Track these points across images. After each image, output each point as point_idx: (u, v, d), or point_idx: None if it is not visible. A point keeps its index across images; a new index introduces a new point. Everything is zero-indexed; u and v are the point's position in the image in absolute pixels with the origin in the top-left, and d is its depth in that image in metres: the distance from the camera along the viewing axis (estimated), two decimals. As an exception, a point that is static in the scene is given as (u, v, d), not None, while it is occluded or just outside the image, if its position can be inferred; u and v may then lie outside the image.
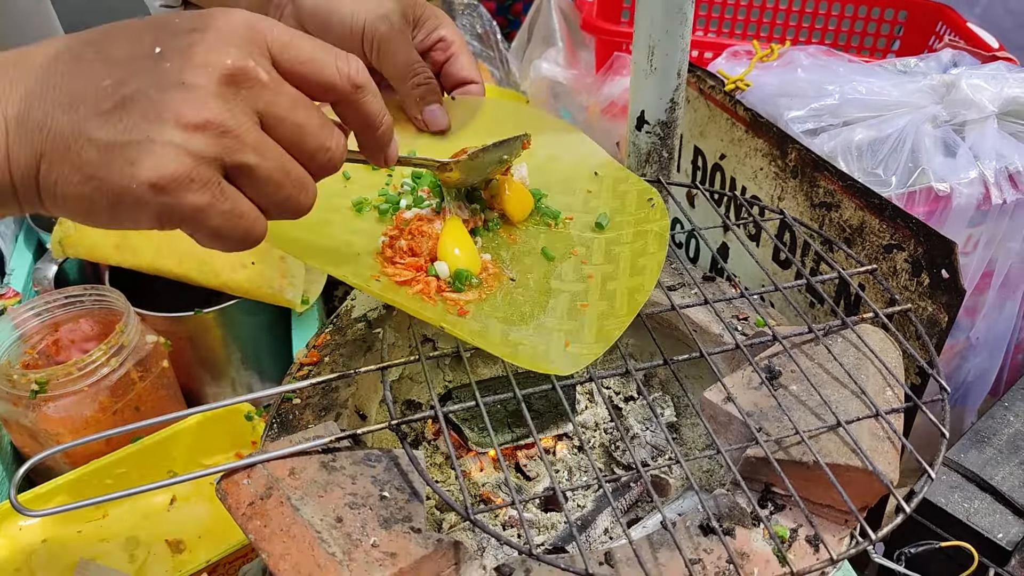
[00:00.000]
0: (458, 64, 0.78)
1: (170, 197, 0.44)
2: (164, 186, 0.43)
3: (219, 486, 0.61)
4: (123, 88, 0.43)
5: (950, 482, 0.83)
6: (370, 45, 0.74)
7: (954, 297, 0.72)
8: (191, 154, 0.44)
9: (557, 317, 0.68)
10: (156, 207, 0.44)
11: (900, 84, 0.88)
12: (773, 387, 0.67)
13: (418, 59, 0.75)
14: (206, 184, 0.45)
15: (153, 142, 0.43)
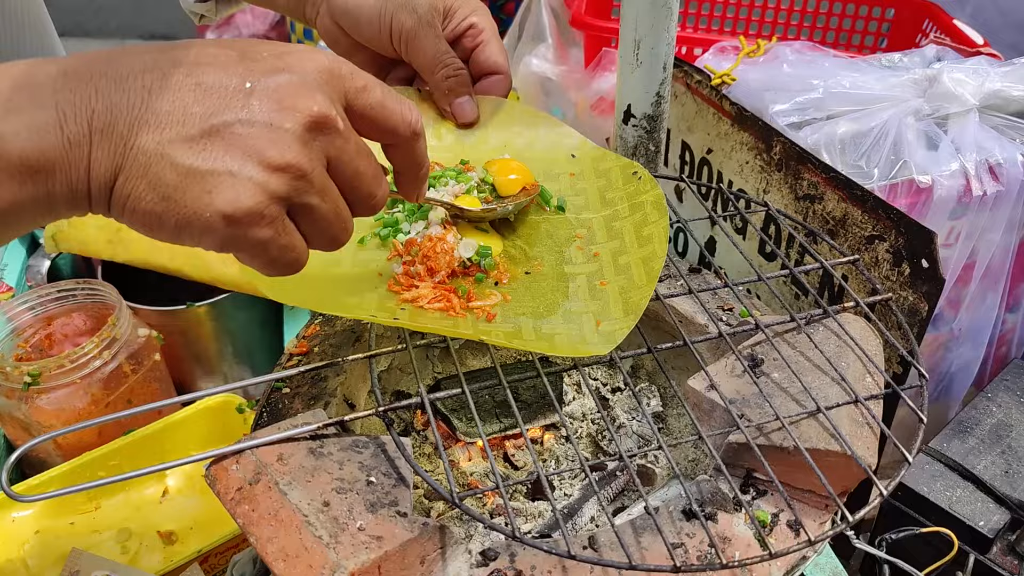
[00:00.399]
0: (487, 52, 0.79)
1: (239, 230, 0.46)
2: (237, 219, 0.46)
3: (208, 472, 0.62)
4: (212, 118, 0.45)
5: (933, 471, 0.84)
6: (398, 38, 0.75)
7: (934, 286, 0.73)
8: (267, 193, 0.46)
9: (581, 300, 0.69)
10: (223, 236, 0.47)
11: (883, 78, 0.89)
12: (755, 375, 0.68)
13: (447, 50, 0.76)
14: (273, 221, 0.47)
15: (234, 176, 0.45)
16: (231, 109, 0.46)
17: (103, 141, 0.44)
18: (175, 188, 0.45)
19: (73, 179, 0.44)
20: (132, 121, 0.44)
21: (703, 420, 0.69)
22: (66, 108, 0.44)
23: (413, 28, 0.74)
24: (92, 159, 0.44)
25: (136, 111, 0.44)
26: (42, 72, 0.45)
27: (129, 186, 0.45)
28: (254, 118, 0.46)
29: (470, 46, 0.79)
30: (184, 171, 0.45)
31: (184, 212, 0.45)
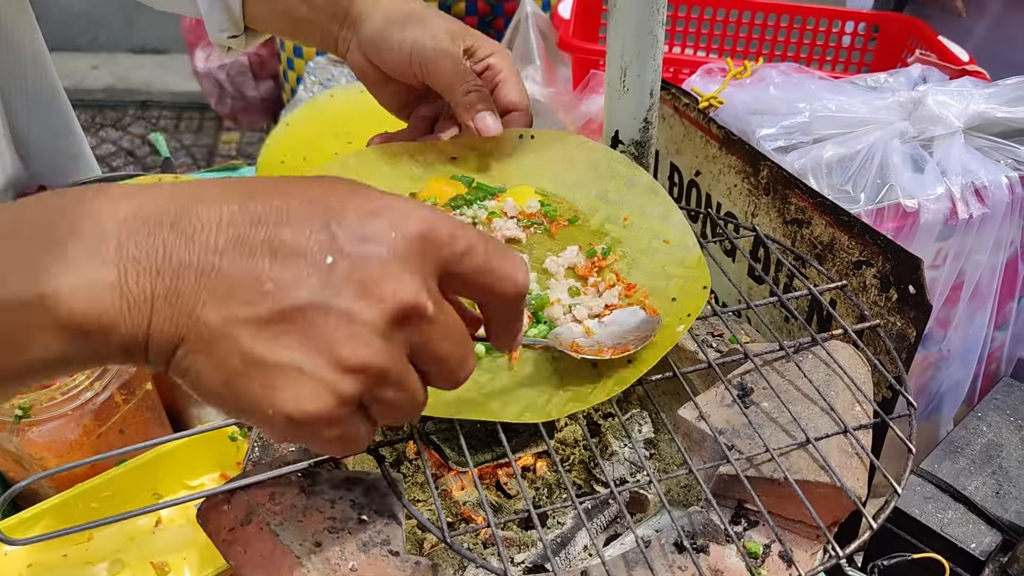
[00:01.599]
0: (505, 90, 0.80)
1: (302, 430, 0.42)
2: (299, 421, 0.42)
3: (200, 512, 0.62)
4: (284, 298, 0.40)
5: (924, 493, 0.85)
6: (419, 63, 0.77)
7: (921, 312, 0.73)
8: (337, 395, 0.42)
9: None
10: (286, 432, 0.43)
11: (869, 101, 0.90)
12: (745, 404, 0.68)
13: (467, 70, 0.78)
14: (340, 421, 0.43)
15: (303, 373, 0.41)
16: (307, 288, 0.40)
17: (166, 307, 0.40)
18: (238, 374, 0.41)
19: (129, 343, 0.40)
20: (199, 290, 0.40)
21: (694, 450, 0.70)
22: (128, 265, 0.39)
23: (434, 51, 0.76)
24: (152, 326, 0.40)
25: (204, 278, 0.40)
26: (106, 215, 0.40)
27: (190, 359, 0.41)
28: (331, 304, 0.41)
29: (489, 85, 0.80)
30: (249, 358, 0.40)
31: (246, 402, 0.41)
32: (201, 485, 0.99)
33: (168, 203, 0.41)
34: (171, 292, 0.40)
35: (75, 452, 0.93)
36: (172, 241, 0.40)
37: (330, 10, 0.79)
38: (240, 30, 0.83)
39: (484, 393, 0.66)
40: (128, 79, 3.76)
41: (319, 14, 0.80)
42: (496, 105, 0.81)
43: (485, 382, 0.67)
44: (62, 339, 0.39)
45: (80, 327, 0.39)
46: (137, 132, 3.52)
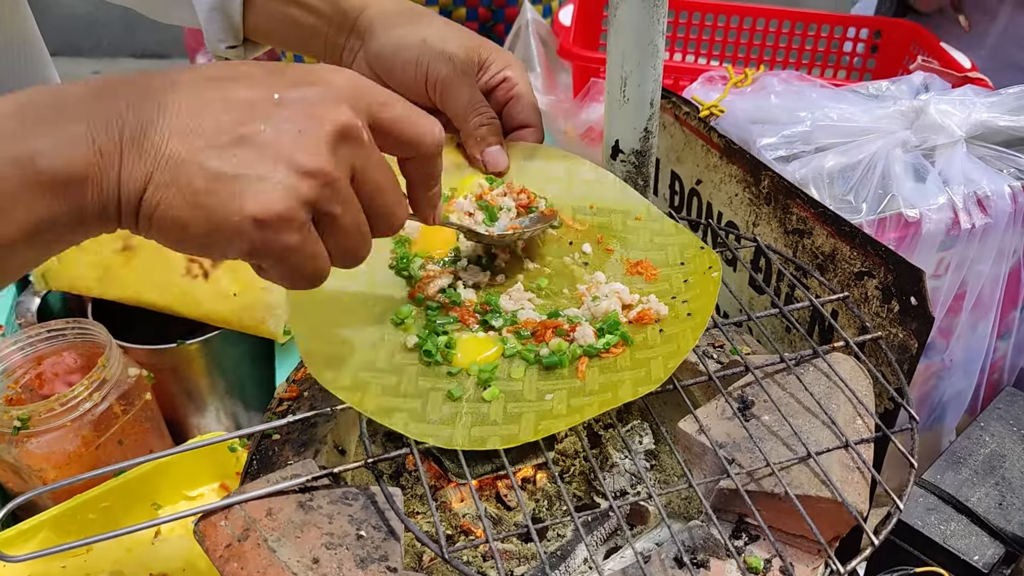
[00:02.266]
0: (519, 106, 0.80)
1: (268, 233, 0.47)
2: (266, 222, 0.46)
3: (197, 528, 0.62)
4: (241, 127, 0.46)
5: (927, 504, 0.84)
6: (433, 86, 0.75)
7: (923, 323, 0.73)
8: (297, 197, 0.47)
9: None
10: (252, 240, 0.47)
11: (870, 110, 0.89)
12: (746, 417, 0.68)
13: (481, 99, 0.77)
14: (301, 226, 0.48)
15: (264, 180, 0.46)
16: (260, 118, 0.47)
17: (133, 151, 0.45)
18: (205, 193, 0.45)
19: (104, 190, 0.45)
20: (163, 131, 0.45)
21: (694, 463, 0.69)
22: (97, 121, 0.44)
23: (448, 76, 0.75)
24: (123, 169, 0.45)
25: (167, 122, 0.45)
26: (72, 91, 0.46)
27: (159, 194, 0.45)
28: (283, 125, 0.47)
29: (503, 99, 0.79)
30: (214, 176, 0.45)
31: (214, 217, 0.46)
32: (200, 495, 0.99)
33: (128, 76, 0.47)
34: (137, 137, 0.45)
35: (74, 463, 0.93)
36: (135, 100, 0.45)
37: (336, 20, 0.78)
38: (239, 40, 0.83)
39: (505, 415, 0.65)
40: (130, 84, 3.76)
41: (324, 23, 0.78)
42: (509, 122, 0.80)
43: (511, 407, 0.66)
44: (44, 197, 0.44)
45: (57, 180, 0.44)
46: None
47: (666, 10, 0.79)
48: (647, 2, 0.78)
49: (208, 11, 0.79)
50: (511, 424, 0.64)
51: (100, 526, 0.94)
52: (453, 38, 0.76)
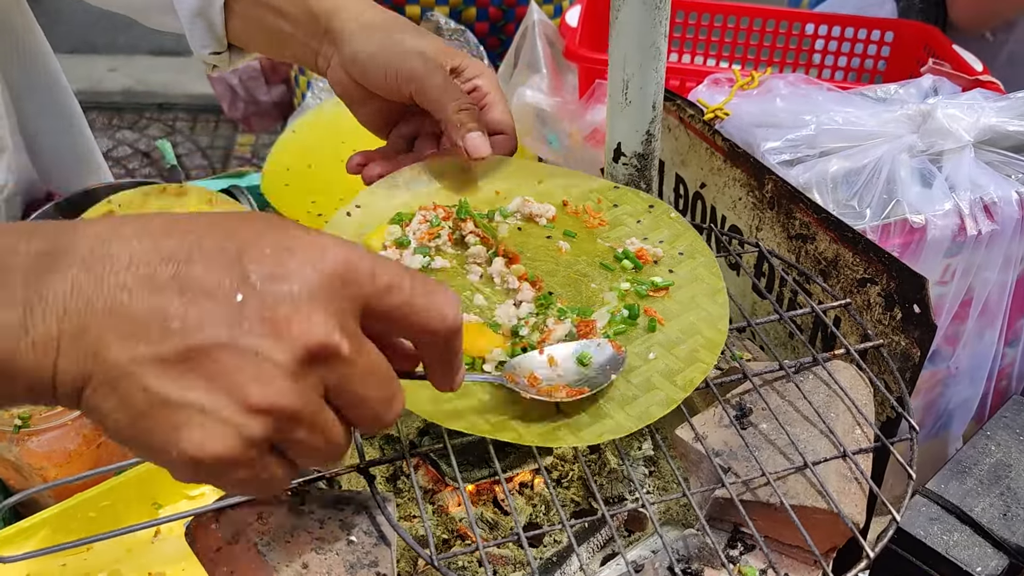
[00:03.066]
0: (492, 113, 0.80)
1: (207, 471, 0.41)
2: (204, 463, 0.41)
3: (188, 530, 0.62)
4: (191, 337, 0.40)
5: (929, 514, 0.83)
6: (408, 80, 0.76)
7: (926, 332, 0.72)
8: (242, 437, 0.41)
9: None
10: (192, 473, 0.42)
11: (877, 114, 0.88)
12: (744, 425, 0.67)
13: (455, 87, 0.77)
14: (248, 463, 0.42)
15: (206, 415, 0.40)
16: (214, 326, 0.40)
17: (71, 346, 0.39)
18: (142, 415, 0.40)
19: (35, 383, 0.40)
20: (104, 327, 0.39)
21: (691, 471, 0.69)
22: (35, 304, 0.39)
23: (423, 68, 0.75)
24: (58, 367, 0.40)
25: (110, 317, 0.39)
26: (18, 251, 0.40)
27: (97, 398, 0.40)
28: (238, 343, 0.40)
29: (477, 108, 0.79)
30: (152, 398, 0.40)
31: (149, 444, 0.41)
32: (201, 495, 0.99)
33: (80, 240, 0.41)
34: (77, 331, 0.39)
35: (75, 462, 0.93)
36: (80, 279, 0.40)
37: (310, 27, 0.78)
38: (223, 47, 0.83)
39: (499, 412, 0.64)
40: (146, 81, 3.78)
41: (299, 30, 0.79)
42: (485, 128, 0.80)
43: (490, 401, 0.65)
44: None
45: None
46: (154, 134, 3.54)
47: (668, 12, 0.78)
48: (649, 4, 0.77)
49: (191, 18, 0.79)
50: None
51: (101, 524, 0.95)
52: (426, 42, 0.77)
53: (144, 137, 3.52)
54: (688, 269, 0.75)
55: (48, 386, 0.40)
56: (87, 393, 0.40)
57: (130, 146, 3.47)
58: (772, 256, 0.82)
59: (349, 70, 0.77)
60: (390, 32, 0.76)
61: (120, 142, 3.49)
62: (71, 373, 0.40)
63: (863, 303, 0.77)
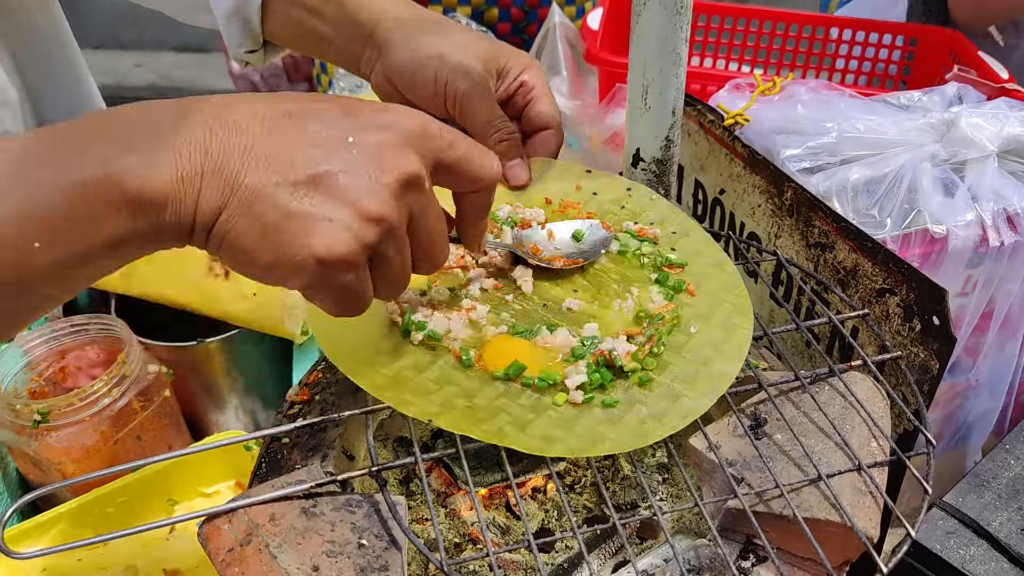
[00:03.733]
0: (536, 108, 0.79)
1: (329, 272, 0.49)
2: (328, 262, 0.48)
3: (201, 531, 0.62)
4: (316, 166, 0.48)
5: (946, 527, 0.82)
6: (452, 102, 0.75)
7: (945, 344, 0.71)
8: (359, 240, 0.49)
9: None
10: (312, 276, 0.49)
11: (899, 121, 0.87)
12: (758, 435, 0.67)
13: (500, 114, 0.77)
14: (358, 267, 0.50)
15: (331, 221, 0.48)
16: (334, 159, 0.49)
17: (213, 179, 0.47)
18: (274, 228, 0.47)
19: (181, 213, 0.47)
20: (241, 162, 0.47)
21: (704, 480, 0.68)
22: (181, 148, 0.47)
23: (468, 92, 0.74)
24: (201, 195, 0.47)
25: (246, 154, 0.47)
26: (158, 114, 0.48)
27: (232, 222, 0.48)
28: (354, 169, 0.49)
29: (522, 103, 0.79)
30: (285, 212, 0.47)
31: (281, 251, 0.48)
32: (216, 492, 1.00)
33: (213, 103, 0.49)
34: (218, 166, 0.47)
35: (93, 457, 0.94)
36: (218, 128, 0.48)
37: (351, 31, 0.77)
38: (259, 44, 0.83)
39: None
40: (171, 77, 3.81)
41: (341, 34, 0.78)
42: (529, 124, 0.80)
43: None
44: (127, 214, 0.46)
45: (142, 199, 0.46)
46: (177, 130, 3.56)
47: (690, 18, 0.78)
48: (670, 9, 0.77)
49: (227, 17, 0.79)
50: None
51: (117, 520, 0.96)
52: (471, 50, 0.76)
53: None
54: (688, 245, 0.76)
55: (190, 214, 0.47)
56: (223, 218, 0.47)
57: (154, 141, 3.49)
58: (790, 265, 0.81)
59: (393, 79, 0.77)
60: (435, 42, 0.75)
61: (144, 137, 3.51)
62: (211, 201, 0.47)
63: (881, 314, 0.76)
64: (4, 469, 0.98)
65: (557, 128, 0.80)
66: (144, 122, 0.48)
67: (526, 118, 0.80)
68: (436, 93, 0.75)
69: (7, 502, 0.98)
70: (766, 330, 0.73)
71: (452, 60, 0.74)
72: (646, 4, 0.77)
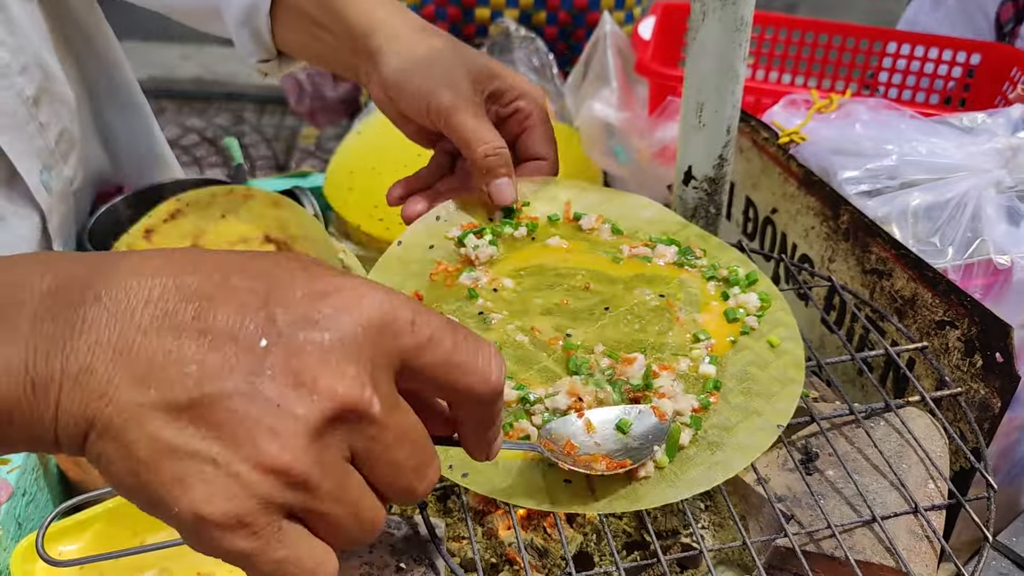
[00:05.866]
0: (532, 138, 0.78)
1: (213, 534, 0.37)
2: (209, 522, 0.36)
3: (239, 546, 0.61)
4: (206, 384, 0.36)
5: (999, 568, 0.79)
6: (437, 115, 0.74)
7: (1008, 381, 0.68)
8: (254, 496, 0.36)
9: None
10: (194, 536, 0.37)
11: (963, 145, 0.84)
12: (809, 470, 0.65)
13: (487, 128, 0.74)
14: (259, 531, 0.37)
15: (217, 467, 0.36)
16: (233, 374, 0.36)
17: (75, 388, 0.36)
18: (146, 466, 0.36)
19: (35, 428, 0.37)
20: (114, 369, 0.36)
21: (751, 514, 0.66)
22: (39, 344, 0.36)
23: (451, 105, 0.73)
24: (60, 408, 0.36)
25: (121, 357, 0.36)
26: (30, 286, 0.38)
27: (100, 445, 0.36)
28: (257, 393, 0.36)
29: (516, 130, 0.77)
30: (159, 448, 0.36)
31: (154, 496, 0.36)
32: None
33: (98, 273, 0.38)
34: (83, 371, 0.36)
35: (131, 458, 0.93)
36: (94, 315, 0.37)
37: (351, 44, 0.77)
38: (272, 55, 0.82)
39: None
40: (215, 70, 3.85)
41: (343, 45, 0.78)
42: (524, 153, 0.78)
43: None
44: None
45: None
46: (222, 123, 3.60)
47: (749, 35, 0.76)
48: (729, 26, 0.75)
49: (237, 26, 0.79)
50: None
51: (154, 521, 0.95)
52: (461, 66, 0.74)
53: (211, 126, 3.58)
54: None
55: (50, 430, 0.37)
56: (91, 439, 0.37)
57: (198, 134, 3.53)
58: (844, 291, 0.79)
59: (387, 91, 0.76)
60: (427, 57, 0.74)
61: (189, 129, 3.55)
62: (74, 416, 0.36)
63: (940, 347, 0.73)
64: (46, 466, 0.98)
65: (552, 159, 0.78)
66: (7, 299, 0.37)
67: (521, 146, 0.78)
68: (419, 105, 0.74)
69: (47, 497, 0.98)
70: (819, 360, 0.70)
71: (439, 73, 0.73)
72: (704, 20, 0.75)
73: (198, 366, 0.36)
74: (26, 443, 0.38)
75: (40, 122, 0.88)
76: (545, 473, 0.60)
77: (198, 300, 0.37)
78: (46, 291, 0.37)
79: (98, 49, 1.09)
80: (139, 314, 0.37)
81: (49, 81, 0.86)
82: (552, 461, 0.57)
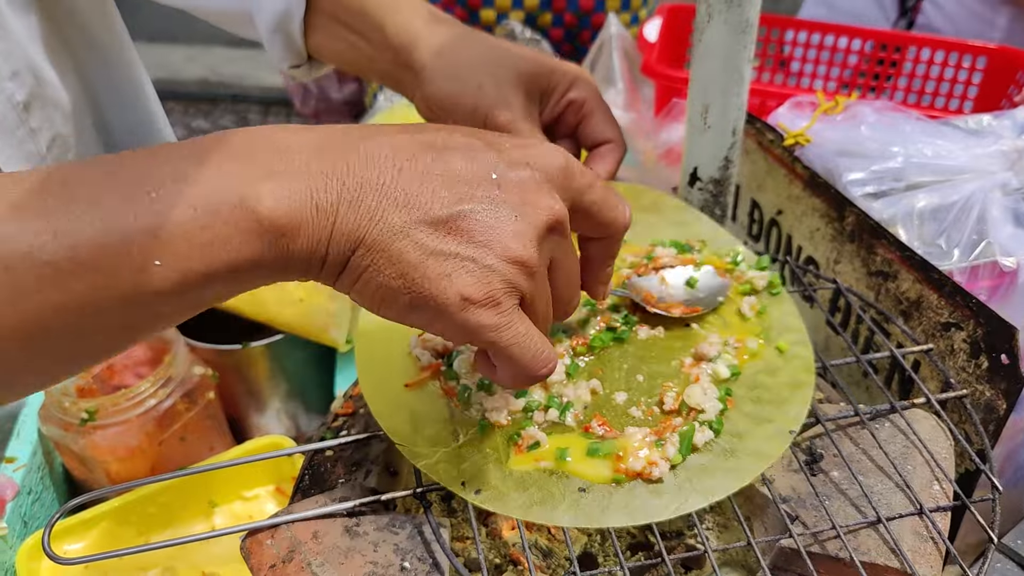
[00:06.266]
0: (591, 123, 0.77)
1: (472, 311, 0.47)
2: (473, 301, 0.46)
3: (243, 545, 0.61)
4: (459, 204, 0.46)
5: (1004, 570, 0.79)
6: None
7: (1014, 384, 0.68)
8: (503, 280, 0.47)
9: None
10: (457, 319, 0.47)
11: (969, 147, 0.84)
12: (814, 471, 0.65)
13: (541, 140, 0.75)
14: (506, 309, 0.48)
15: (475, 262, 0.46)
16: (477, 197, 0.47)
17: (349, 212, 0.45)
18: (414, 267, 0.46)
19: (314, 243, 0.45)
20: (380, 197, 0.46)
21: (755, 514, 0.66)
22: (318, 177, 0.45)
23: (508, 124, 0.72)
24: (336, 228, 0.45)
25: (385, 188, 0.46)
26: (297, 142, 0.47)
27: (368, 258, 0.46)
28: (499, 208, 0.47)
29: (573, 121, 0.77)
30: (426, 251, 0.46)
31: (421, 291, 0.46)
32: (256, 497, 1.00)
33: (352, 135, 0.48)
34: (355, 199, 0.45)
35: (137, 457, 0.94)
36: (356, 161, 0.46)
37: (391, 55, 0.76)
38: (303, 59, 0.82)
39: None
40: (221, 72, 3.85)
41: (380, 56, 0.76)
42: (587, 141, 0.77)
43: None
44: (256, 240, 0.44)
45: (274, 227, 0.44)
46: (227, 125, 3.61)
47: (755, 37, 0.76)
48: (734, 28, 0.75)
49: (270, 32, 0.78)
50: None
51: (158, 520, 0.96)
52: (510, 76, 0.73)
53: (217, 127, 3.59)
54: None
55: (323, 247, 0.45)
56: (358, 254, 0.46)
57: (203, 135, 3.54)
58: (850, 293, 0.79)
59: (433, 109, 0.75)
60: (474, 72, 0.73)
61: (194, 131, 3.56)
62: (346, 235, 0.45)
63: (946, 349, 0.73)
64: (51, 465, 0.99)
65: (618, 140, 0.77)
66: (278, 148, 0.46)
67: (583, 134, 0.77)
68: (476, 125, 0.73)
69: (52, 496, 0.99)
70: (824, 362, 0.70)
71: (491, 92, 0.73)
72: (710, 22, 0.75)
73: (449, 192, 0.47)
74: (303, 261, 0.46)
75: (31, 127, 0.88)
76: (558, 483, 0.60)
77: (435, 149, 0.48)
78: (315, 146, 0.46)
79: (104, 51, 1.09)
80: (392, 159, 0.47)
81: (42, 86, 0.86)
82: (639, 305, 0.69)
